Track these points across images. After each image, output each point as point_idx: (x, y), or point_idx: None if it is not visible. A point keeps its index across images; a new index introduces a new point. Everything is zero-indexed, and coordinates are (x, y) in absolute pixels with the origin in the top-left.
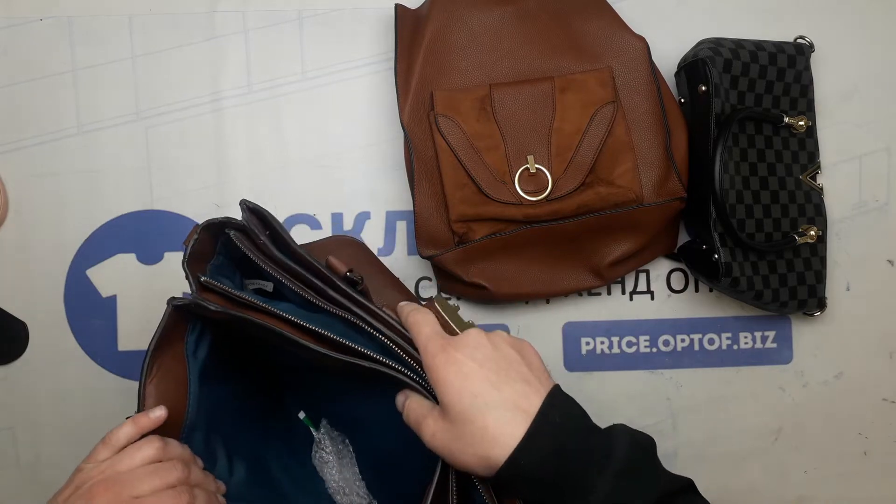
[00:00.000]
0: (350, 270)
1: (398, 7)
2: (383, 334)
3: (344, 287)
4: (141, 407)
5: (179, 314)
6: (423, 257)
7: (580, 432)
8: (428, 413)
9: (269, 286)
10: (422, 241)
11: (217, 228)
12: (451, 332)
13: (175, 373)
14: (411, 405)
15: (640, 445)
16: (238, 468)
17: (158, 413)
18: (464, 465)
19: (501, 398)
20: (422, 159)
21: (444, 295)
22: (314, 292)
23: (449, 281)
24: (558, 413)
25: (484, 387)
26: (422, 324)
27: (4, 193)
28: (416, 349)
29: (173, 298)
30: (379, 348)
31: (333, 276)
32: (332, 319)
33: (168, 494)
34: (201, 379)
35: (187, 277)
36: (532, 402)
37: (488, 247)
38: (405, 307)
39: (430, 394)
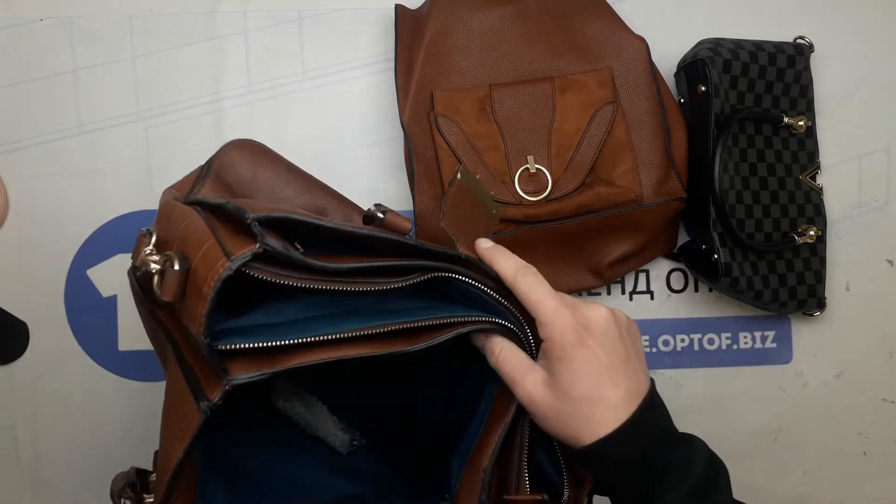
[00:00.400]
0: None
1: (398, 7)
2: (487, 287)
3: (425, 245)
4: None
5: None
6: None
7: (665, 440)
8: (528, 372)
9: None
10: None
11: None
12: (477, 207)
13: None
14: (508, 357)
15: (715, 468)
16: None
17: None
18: (552, 431)
19: (617, 395)
20: (422, 159)
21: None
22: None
23: None
24: (653, 415)
25: (605, 380)
26: (542, 291)
27: (5, 193)
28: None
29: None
30: (461, 306)
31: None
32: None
33: None
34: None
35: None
36: (636, 399)
37: None
38: (506, 266)
39: (528, 348)
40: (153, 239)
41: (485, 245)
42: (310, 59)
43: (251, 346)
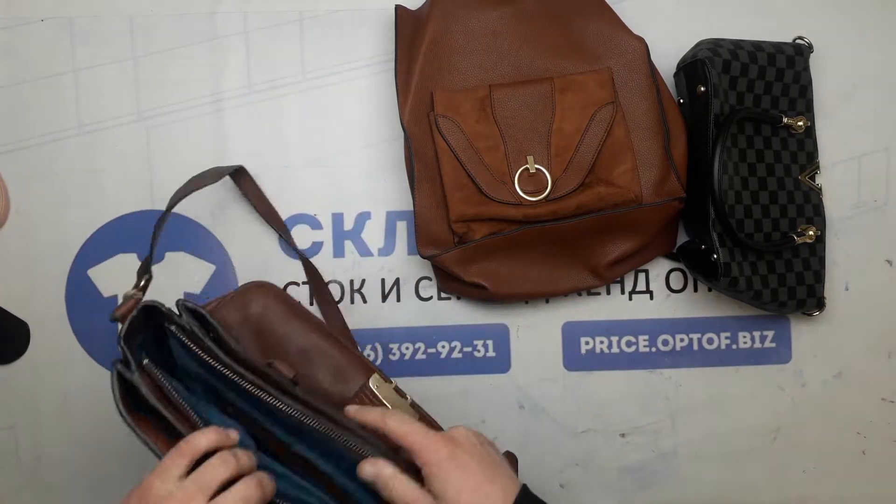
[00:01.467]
0: (294, 375)
1: (398, 8)
2: (339, 434)
3: (297, 393)
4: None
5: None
6: (423, 257)
7: None
8: (422, 499)
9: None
10: (422, 241)
11: (152, 314)
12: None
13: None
14: (398, 486)
15: None
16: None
17: (234, 435)
18: None
19: (495, 490)
20: (422, 160)
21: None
22: (271, 397)
23: (449, 281)
24: None
25: (482, 479)
26: (410, 424)
27: (6, 193)
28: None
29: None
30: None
31: (282, 379)
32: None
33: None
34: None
35: (124, 354)
36: (511, 494)
37: (488, 247)
38: (373, 416)
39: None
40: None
41: (351, 409)
42: (310, 59)
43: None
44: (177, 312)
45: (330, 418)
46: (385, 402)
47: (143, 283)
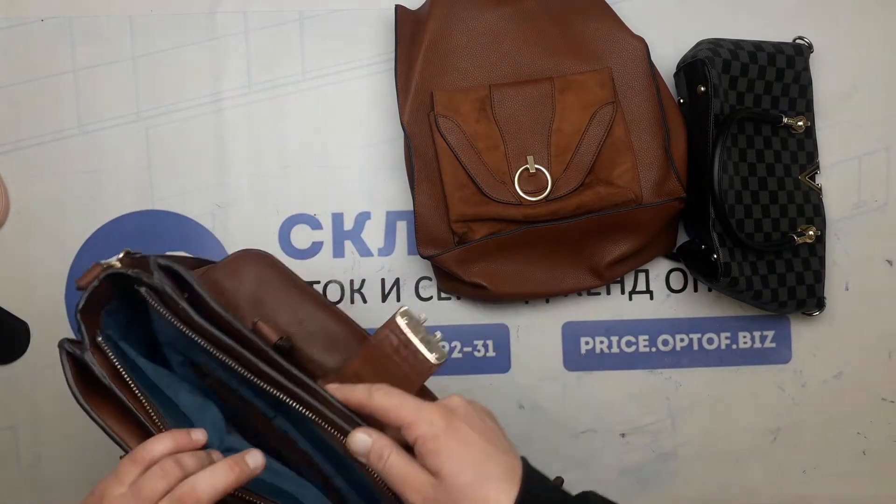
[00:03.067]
0: (280, 338)
1: (398, 8)
2: (318, 412)
3: (277, 358)
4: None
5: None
6: (423, 257)
7: (563, 499)
8: (417, 476)
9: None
10: (422, 241)
11: (122, 281)
12: (413, 352)
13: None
14: (396, 461)
15: None
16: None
17: (198, 436)
18: None
19: (498, 469)
20: (422, 159)
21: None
22: (245, 367)
23: (449, 281)
24: (539, 486)
25: (483, 457)
26: (400, 396)
27: (6, 193)
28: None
29: (64, 341)
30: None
31: (263, 344)
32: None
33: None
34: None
35: (79, 329)
36: (516, 473)
37: (488, 247)
38: (357, 394)
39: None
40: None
41: (332, 387)
42: (310, 59)
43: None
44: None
45: (311, 391)
46: (416, 339)
47: (123, 255)
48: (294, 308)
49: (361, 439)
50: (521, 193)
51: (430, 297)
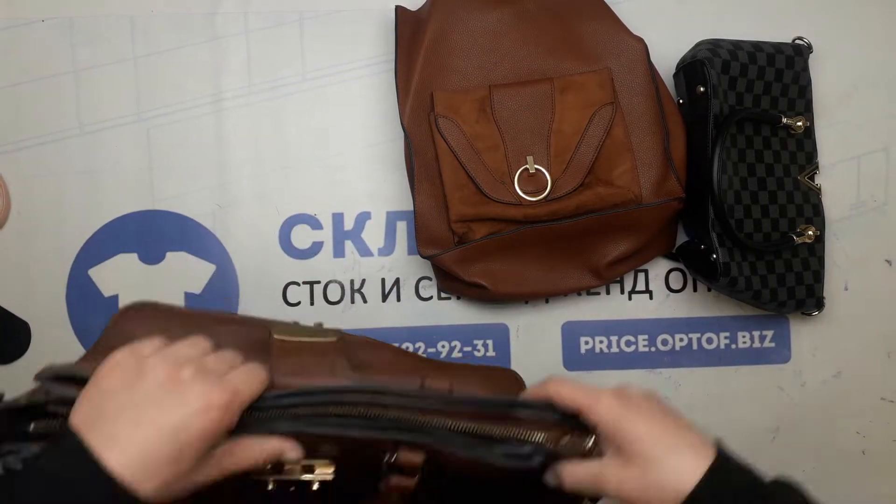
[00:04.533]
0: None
1: (398, 9)
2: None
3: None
4: None
5: None
6: (423, 257)
7: (756, 479)
8: (602, 468)
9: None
10: (422, 241)
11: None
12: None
13: None
14: (574, 470)
15: None
16: None
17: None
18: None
19: (688, 439)
20: (422, 160)
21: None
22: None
23: (449, 280)
24: (729, 457)
25: (672, 429)
26: (575, 384)
27: (6, 194)
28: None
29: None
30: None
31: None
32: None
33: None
34: None
35: None
36: (707, 444)
37: (488, 246)
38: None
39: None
40: None
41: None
42: (310, 59)
43: None
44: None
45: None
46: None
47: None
48: (210, 333)
49: (549, 478)
50: (521, 193)
51: (430, 297)
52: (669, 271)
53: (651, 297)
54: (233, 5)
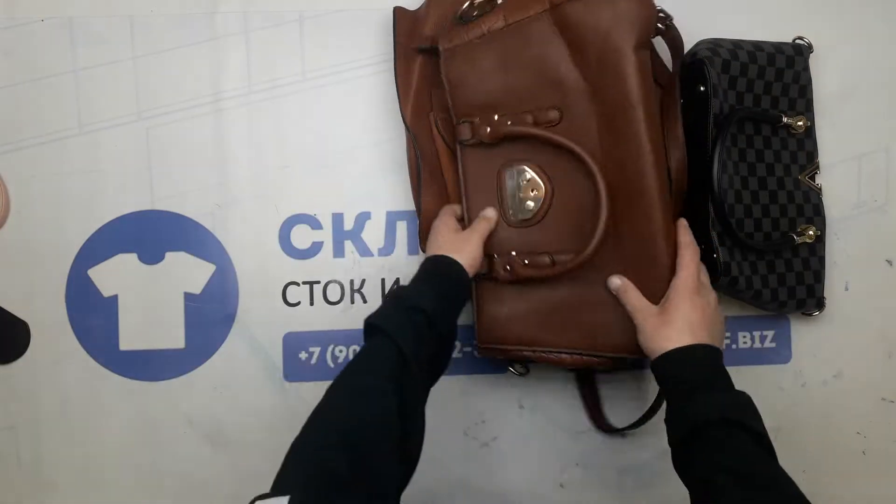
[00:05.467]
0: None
1: (396, 10)
2: None
3: None
4: None
5: None
6: (425, 253)
7: (713, 372)
8: (645, 307)
9: None
10: (425, 238)
11: None
12: None
13: None
14: (633, 295)
15: (745, 406)
16: None
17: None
18: (643, 345)
19: (696, 330)
20: (425, 158)
21: None
22: None
23: None
24: (709, 356)
25: (691, 323)
26: (690, 237)
27: (6, 193)
28: None
29: None
30: None
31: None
32: None
33: None
34: None
35: None
36: (707, 337)
37: None
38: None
39: None
40: None
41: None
42: (310, 59)
43: None
44: None
45: None
46: None
47: None
48: None
49: (614, 280)
50: None
51: None
52: None
53: None
54: (232, 5)
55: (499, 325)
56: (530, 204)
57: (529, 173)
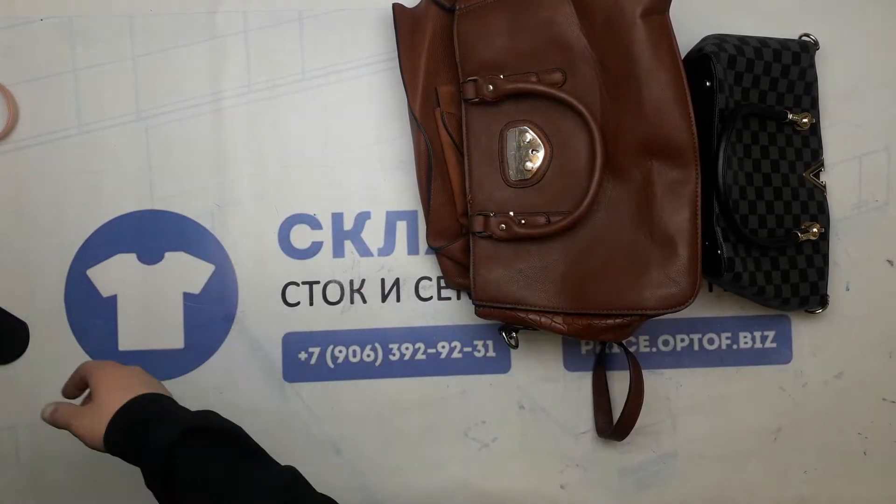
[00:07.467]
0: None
1: (396, 7)
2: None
3: None
4: None
5: None
6: (431, 247)
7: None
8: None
9: None
10: (432, 233)
11: None
12: None
13: None
14: (62, 411)
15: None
16: None
17: None
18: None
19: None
20: (436, 153)
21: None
22: None
23: (455, 277)
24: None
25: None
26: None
27: (14, 102)
28: None
29: None
30: None
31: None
32: None
33: None
34: None
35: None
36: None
37: None
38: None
39: None
40: None
41: None
42: (310, 59)
43: None
44: None
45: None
46: None
47: None
48: None
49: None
50: None
51: (430, 298)
52: None
53: None
54: (232, 5)
55: (493, 284)
56: (529, 164)
57: (530, 134)
